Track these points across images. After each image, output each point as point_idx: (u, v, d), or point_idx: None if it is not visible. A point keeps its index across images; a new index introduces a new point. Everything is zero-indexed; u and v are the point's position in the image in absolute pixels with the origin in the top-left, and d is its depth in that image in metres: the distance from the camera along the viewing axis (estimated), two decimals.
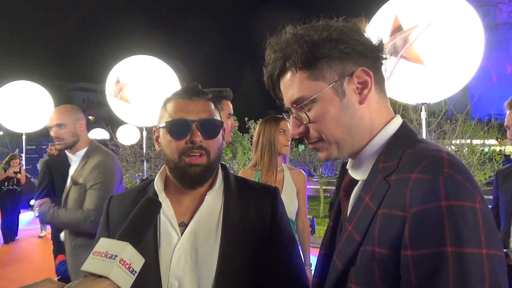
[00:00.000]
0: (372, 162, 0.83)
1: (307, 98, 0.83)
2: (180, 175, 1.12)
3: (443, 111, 6.86)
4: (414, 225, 0.66)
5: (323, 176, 10.29)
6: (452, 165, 0.68)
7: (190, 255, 1.10)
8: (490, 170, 6.64)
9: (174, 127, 1.10)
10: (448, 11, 2.43)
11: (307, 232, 2.72)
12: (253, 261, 1.12)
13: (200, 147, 1.10)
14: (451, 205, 0.63)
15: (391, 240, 0.69)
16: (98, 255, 0.74)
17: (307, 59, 0.82)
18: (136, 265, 0.76)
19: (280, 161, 2.68)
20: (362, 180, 0.85)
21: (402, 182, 0.71)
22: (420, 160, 0.71)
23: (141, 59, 4.15)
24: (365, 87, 0.83)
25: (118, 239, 0.77)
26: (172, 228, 1.13)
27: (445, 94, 2.73)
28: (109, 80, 4.10)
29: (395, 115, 0.88)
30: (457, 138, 6.91)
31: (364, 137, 0.84)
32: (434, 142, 0.83)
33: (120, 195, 1.26)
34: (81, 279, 0.73)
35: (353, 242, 0.77)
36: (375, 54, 0.85)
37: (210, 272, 1.09)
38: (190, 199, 1.18)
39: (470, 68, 2.56)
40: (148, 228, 0.87)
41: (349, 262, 0.77)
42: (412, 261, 0.65)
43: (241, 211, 1.17)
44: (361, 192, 0.82)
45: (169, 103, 1.16)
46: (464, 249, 0.61)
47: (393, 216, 0.69)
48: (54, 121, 2.65)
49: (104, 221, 1.21)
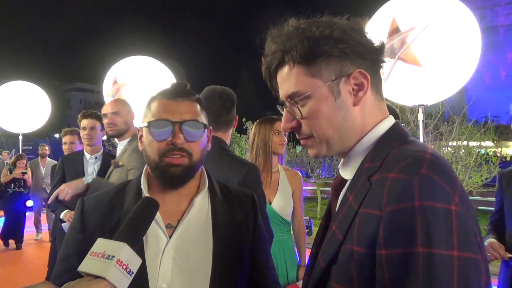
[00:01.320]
0: (359, 162, 0.83)
1: (302, 94, 0.83)
2: (161, 175, 1.09)
3: (440, 113, 6.89)
4: (388, 225, 0.66)
5: (320, 177, 10.29)
6: (432, 166, 0.68)
7: (180, 258, 1.08)
8: (486, 172, 6.65)
9: (156, 128, 1.07)
10: (445, 13, 2.44)
11: (303, 232, 2.72)
12: (243, 261, 1.16)
13: (181, 149, 1.07)
14: (424, 206, 0.63)
15: (368, 239, 0.69)
16: (95, 256, 0.74)
17: (306, 55, 0.81)
18: (133, 266, 0.76)
19: (275, 162, 2.69)
20: (350, 180, 0.85)
21: (381, 182, 0.71)
22: (400, 160, 0.71)
23: (139, 59, 4.15)
24: (361, 89, 0.82)
25: (116, 240, 0.77)
26: (160, 229, 1.10)
27: (442, 96, 2.74)
28: (106, 80, 4.10)
29: (388, 116, 0.88)
30: (454, 140, 6.93)
31: (354, 138, 0.85)
32: (423, 143, 0.82)
33: (94, 197, 1.21)
34: (78, 279, 0.73)
35: (335, 241, 0.78)
36: (375, 56, 0.85)
37: (202, 273, 1.08)
38: (175, 200, 1.15)
39: (467, 70, 2.58)
40: (145, 228, 0.86)
41: (331, 260, 0.78)
42: (385, 260, 0.65)
43: (228, 213, 1.18)
44: (347, 191, 0.83)
45: (153, 103, 1.13)
46: (434, 250, 0.61)
47: (371, 215, 0.70)
48: (109, 109, 2.88)
49: (78, 224, 1.14)
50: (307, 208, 11.18)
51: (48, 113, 5.66)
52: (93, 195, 1.22)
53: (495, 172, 6.45)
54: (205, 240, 1.12)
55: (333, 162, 10.23)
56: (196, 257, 1.10)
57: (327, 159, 10.37)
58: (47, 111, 5.59)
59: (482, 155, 7.00)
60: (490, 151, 10.16)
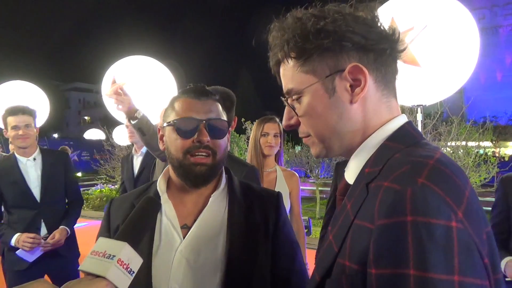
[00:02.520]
0: (361, 166, 0.76)
1: (296, 91, 0.79)
2: (185, 174, 1.10)
3: (439, 113, 6.89)
4: (377, 241, 0.59)
5: (319, 177, 10.29)
6: (433, 174, 0.59)
7: (193, 259, 1.08)
8: (485, 172, 6.67)
9: (182, 126, 1.10)
10: (444, 14, 2.45)
11: (301, 232, 2.73)
12: (258, 265, 1.12)
13: (207, 147, 1.09)
14: (416, 221, 0.55)
15: (359, 254, 0.63)
16: (96, 255, 0.74)
17: (299, 50, 0.77)
18: (134, 266, 0.76)
19: (272, 162, 2.71)
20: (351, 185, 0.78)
21: (376, 191, 0.64)
22: (398, 166, 0.64)
23: (138, 59, 4.14)
24: (358, 86, 0.75)
25: (117, 239, 0.77)
26: (174, 230, 1.11)
27: (441, 96, 2.75)
28: (105, 80, 4.08)
29: (398, 115, 0.80)
30: (453, 140, 6.94)
31: (356, 138, 0.78)
32: (435, 147, 0.72)
33: (121, 198, 1.26)
34: (78, 279, 0.73)
35: (331, 253, 0.71)
36: (381, 47, 0.76)
37: (214, 275, 1.07)
38: (193, 201, 1.16)
39: (466, 70, 2.58)
40: (147, 228, 0.87)
41: (325, 274, 0.71)
42: (375, 281, 0.58)
43: (246, 215, 1.16)
44: (346, 198, 0.76)
45: (177, 102, 1.16)
46: (428, 274, 0.53)
47: (363, 228, 0.63)
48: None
49: (105, 223, 1.21)
50: (306, 208, 11.18)
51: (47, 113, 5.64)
52: (120, 196, 1.28)
53: (493, 172, 6.46)
54: (219, 241, 1.11)
55: (332, 162, 10.23)
56: (209, 257, 1.09)
57: (326, 159, 10.38)
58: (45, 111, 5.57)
59: (481, 155, 7.01)
60: (488, 151, 10.17)
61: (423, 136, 0.78)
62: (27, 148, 2.94)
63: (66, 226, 2.99)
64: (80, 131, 45.77)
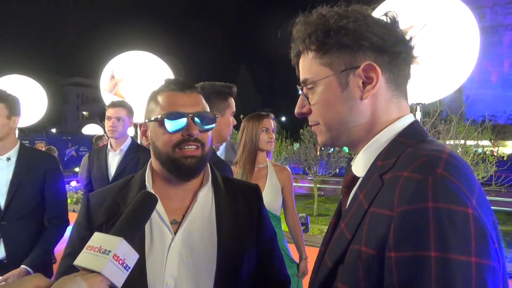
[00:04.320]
0: (372, 159, 0.81)
1: (312, 81, 0.84)
2: (175, 167, 1.10)
3: (438, 111, 6.90)
4: (398, 226, 0.63)
5: (317, 175, 10.31)
6: (449, 166, 0.65)
7: (186, 254, 1.10)
8: (483, 171, 6.68)
9: (170, 120, 1.08)
10: (444, 12, 2.44)
11: (298, 226, 2.73)
12: (248, 253, 1.16)
13: (196, 140, 1.10)
14: (439, 208, 0.60)
15: (377, 240, 0.67)
16: (91, 250, 0.73)
17: (319, 43, 0.82)
18: (130, 261, 0.75)
19: (264, 158, 2.71)
20: (361, 177, 0.83)
21: (394, 181, 0.68)
22: (415, 159, 0.68)
23: (136, 54, 4.13)
24: (369, 83, 0.80)
25: (112, 234, 0.76)
26: (165, 225, 1.11)
27: (440, 94, 2.75)
28: (103, 75, 4.07)
29: (407, 114, 0.85)
30: (451, 138, 6.95)
31: (362, 133, 0.83)
32: (441, 143, 0.78)
33: (99, 193, 1.21)
34: (73, 273, 0.72)
35: (344, 240, 0.76)
36: (397, 49, 0.81)
37: (208, 267, 1.10)
38: (180, 196, 1.16)
39: (465, 69, 2.58)
40: (143, 223, 0.86)
41: (338, 260, 0.75)
42: (395, 263, 0.62)
43: (232, 207, 1.19)
44: (358, 189, 0.81)
45: (161, 96, 1.14)
46: (449, 255, 0.58)
47: (381, 215, 0.67)
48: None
49: (84, 221, 1.15)
50: (304, 205, 11.20)
51: (45, 108, 5.62)
52: (98, 191, 1.24)
53: (491, 171, 6.48)
54: (210, 234, 1.14)
55: (330, 160, 10.24)
56: (202, 251, 1.11)
57: (324, 156, 10.38)
58: (43, 105, 5.55)
59: (479, 154, 7.02)
60: (487, 150, 10.20)
61: (428, 134, 0.83)
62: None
63: (28, 265, 2.12)
64: (78, 126, 45.69)
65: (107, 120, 3.15)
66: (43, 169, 2.32)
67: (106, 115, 3.17)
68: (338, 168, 10.61)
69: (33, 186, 2.29)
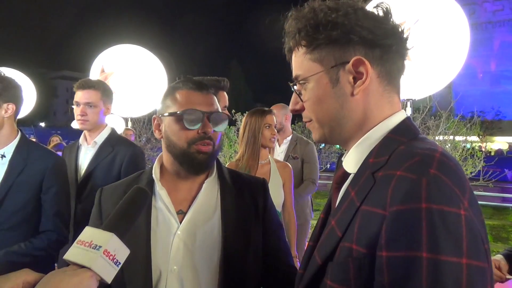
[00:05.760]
0: (364, 156, 0.80)
1: (303, 78, 0.83)
2: (189, 162, 1.16)
3: (428, 107, 6.95)
4: (391, 225, 0.62)
5: None
6: (442, 166, 0.64)
7: (190, 242, 1.15)
8: (471, 166, 6.76)
9: (187, 117, 1.14)
10: (436, 9, 2.46)
11: (293, 223, 2.74)
12: (253, 244, 1.21)
13: (209, 138, 1.16)
14: (431, 208, 0.60)
15: (368, 238, 0.66)
16: (82, 244, 0.72)
17: (309, 39, 0.80)
18: (121, 257, 0.75)
19: (266, 154, 2.69)
20: (353, 174, 0.82)
21: (386, 179, 0.67)
22: (408, 158, 0.67)
23: (127, 48, 4.09)
24: (360, 78, 0.78)
25: (104, 229, 0.76)
26: (171, 215, 1.17)
27: (430, 90, 2.77)
28: (93, 69, 4.02)
29: (399, 110, 0.83)
30: (441, 134, 7.02)
31: (354, 129, 0.82)
32: (433, 141, 0.77)
33: (111, 186, 1.29)
34: (63, 268, 0.71)
35: (334, 237, 0.75)
36: (388, 42, 0.79)
37: (213, 256, 1.15)
38: (187, 188, 1.23)
39: (456, 65, 2.60)
40: (134, 219, 0.85)
41: (328, 257, 0.75)
42: (386, 263, 0.62)
43: (237, 199, 1.24)
44: (349, 186, 0.80)
45: (179, 93, 1.19)
46: (440, 257, 0.58)
47: (373, 213, 0.67)
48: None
49: (96, 211, 1.24)
50: None
51: (34, 101, 5.54)
52: (110, 185, 1.31)
53: (479, 166, 6.56)
54: (215, 223, 1.19)
55: (321, 155, 10.28)
56: (206, 240, 1.17)
57: (318, 153, 10.40)
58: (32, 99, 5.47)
59: (468, 150, 7.10)
60: (475, 146, 10.33)
61: (420, 131, 0.82)
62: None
63: None
64: (67, 120, 45.20)
65: (75, 107, 2.42)
66: (43, 170, 1.89)
67: (74, 100, 2.44)
68: (329, 164, 10.65)
69: (29, 188, 1.86)
